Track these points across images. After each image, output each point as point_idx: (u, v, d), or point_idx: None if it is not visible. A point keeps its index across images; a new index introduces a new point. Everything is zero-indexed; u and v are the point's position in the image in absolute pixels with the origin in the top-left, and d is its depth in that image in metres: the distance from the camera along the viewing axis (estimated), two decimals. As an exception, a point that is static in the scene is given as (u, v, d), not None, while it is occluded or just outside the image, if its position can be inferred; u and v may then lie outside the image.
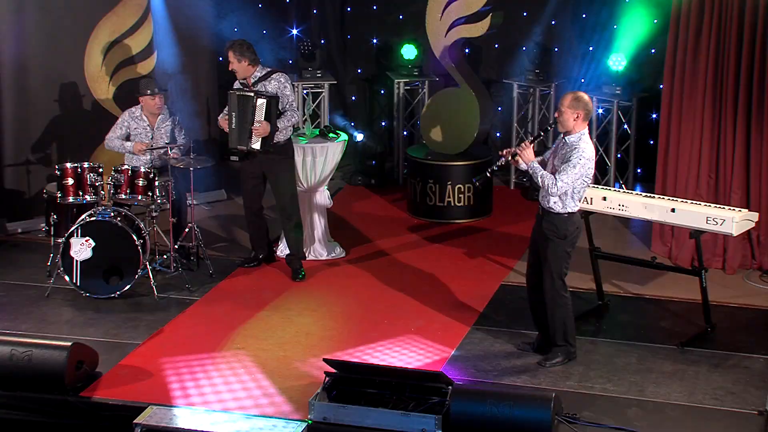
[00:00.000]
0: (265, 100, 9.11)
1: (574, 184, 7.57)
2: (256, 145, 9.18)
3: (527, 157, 7.70)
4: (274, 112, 9.16)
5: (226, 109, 9.30)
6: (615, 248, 9.59)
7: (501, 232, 10.71)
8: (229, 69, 9.31)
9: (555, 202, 7.68)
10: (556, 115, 7.75)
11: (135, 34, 10.94)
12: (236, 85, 9.40)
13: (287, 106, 9.27)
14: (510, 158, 7.82)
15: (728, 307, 8.84)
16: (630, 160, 11.41)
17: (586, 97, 7.67)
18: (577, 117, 7.58)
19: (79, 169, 9.10)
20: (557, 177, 7.53)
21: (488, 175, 8.14)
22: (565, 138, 7.69)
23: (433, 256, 10.08)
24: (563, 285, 7.87)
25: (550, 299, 7.89)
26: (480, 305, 8.95)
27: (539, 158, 7.86)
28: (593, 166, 7.67)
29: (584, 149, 7.57)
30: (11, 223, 10.54)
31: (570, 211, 7.70)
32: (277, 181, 9.44)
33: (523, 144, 7.76)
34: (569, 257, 7.84)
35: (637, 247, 10.05)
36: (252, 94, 9.13)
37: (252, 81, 9.29)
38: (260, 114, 9.10)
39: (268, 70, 9.37)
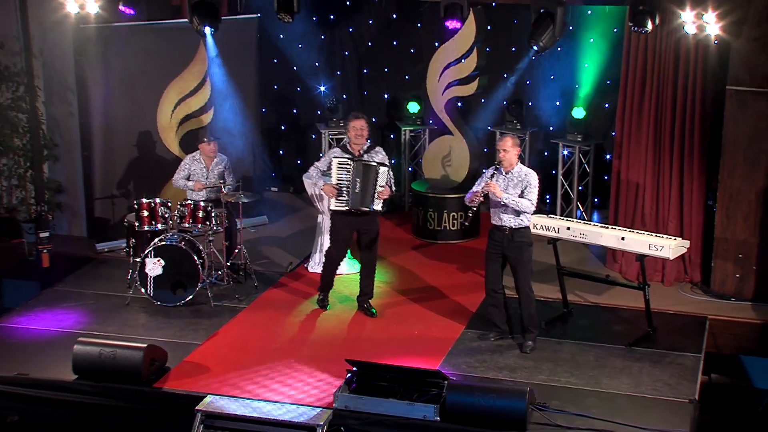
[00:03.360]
0: (386, 169, 8.64)
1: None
2: (378, 206, 8.65)
3: (499, 193, 7.87)
4: (389, 179, 8.75)
5: (342, 175, 8.57)
6: (577, 266, 9.58)
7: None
8: (354, 135, 8.65)
9: (522, 220, 7.89)
10: (501, 155, 7.91)
11: (196, 94, 10.97)
12: (338, 153, 8.71)
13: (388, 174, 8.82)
14: (482, 199, 7.96)
15: (666, 314, 8.84)
16: (589, 192, 11.36)
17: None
18: (517, 152, 7.94)
19: (152, 203, 9.13)
20: (528, 199, 7.82)
21: (470, 215, 8.19)
22: (510, 172, 7.92)
23: (433, 271, 10.06)
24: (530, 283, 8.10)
25: (525, 295, 8.04)
26: (470, 311, 8.94)
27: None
28: None
29: (533, 174, 7.92)
30: (99, 244, 10.59)
31: (529, 222, 7.99)
32: (374, 236, 8.80)
33: (488, 184, 7.86)
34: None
35: (594, 266, 10.02)
36: (375, 164, 8.59)
37: (361, 150, 8.74)
38: (382, 180, 8.63)
39: (371, 142, 8.88)
